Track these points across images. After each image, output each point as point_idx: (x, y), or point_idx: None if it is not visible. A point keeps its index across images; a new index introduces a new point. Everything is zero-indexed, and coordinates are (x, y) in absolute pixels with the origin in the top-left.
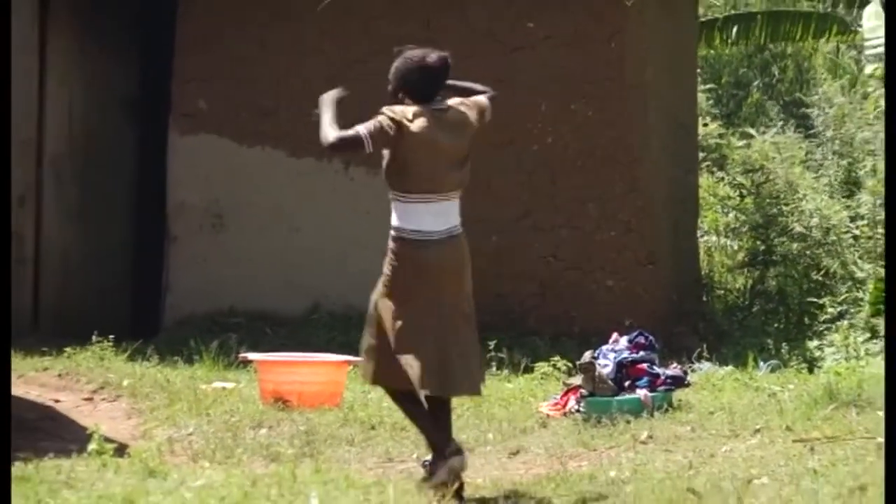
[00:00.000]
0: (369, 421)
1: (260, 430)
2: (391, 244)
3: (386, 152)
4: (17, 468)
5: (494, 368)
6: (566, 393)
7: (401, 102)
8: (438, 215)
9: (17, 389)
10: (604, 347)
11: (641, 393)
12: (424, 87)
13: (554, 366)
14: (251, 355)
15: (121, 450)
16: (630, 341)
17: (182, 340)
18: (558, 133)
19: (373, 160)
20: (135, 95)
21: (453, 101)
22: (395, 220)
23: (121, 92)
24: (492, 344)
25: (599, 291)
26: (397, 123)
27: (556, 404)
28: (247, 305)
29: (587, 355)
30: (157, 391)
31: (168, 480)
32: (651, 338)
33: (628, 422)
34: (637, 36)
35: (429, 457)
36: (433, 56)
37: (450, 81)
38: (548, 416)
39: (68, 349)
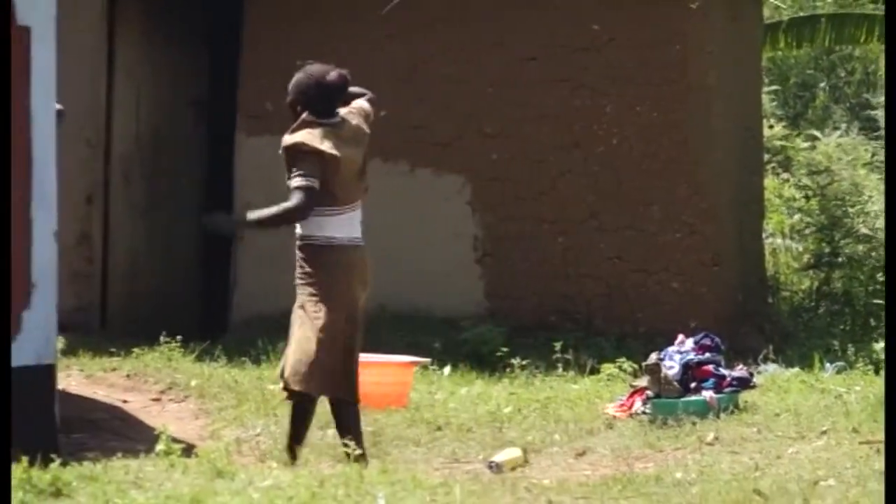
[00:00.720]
0: (435, 422)
1: (327, 430)
2: (300, 253)
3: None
4: (85, 468)
5: (561, 369)
6: (632, 394)
7: (298, 115)
8: (344, 225)
9: (86, 390)
10: (669, 349)
11: (707, 394)
12: (321, 103)
13: (620, 367)
14: None
15: (188, 450)
16: (696, 343)
17: (249, 341)
18: (623, 135)
19: (440, 161)
20: (202, 93)
21: (343, 112)
22: (302, 230)
23: (188, 90)
24: (558, 345)
25: (664, 293)
26: (314, 151)
27: (622, 405)
28: None
29: (653, 357)
30: (225, 392)
31: (236, 481)
32: (717, 339)
33: (694, 423)
34: (701, 38)
35: (495, 458)
36: (332, 74)
37: None
38: (614, 417)
39: (136, 349)
